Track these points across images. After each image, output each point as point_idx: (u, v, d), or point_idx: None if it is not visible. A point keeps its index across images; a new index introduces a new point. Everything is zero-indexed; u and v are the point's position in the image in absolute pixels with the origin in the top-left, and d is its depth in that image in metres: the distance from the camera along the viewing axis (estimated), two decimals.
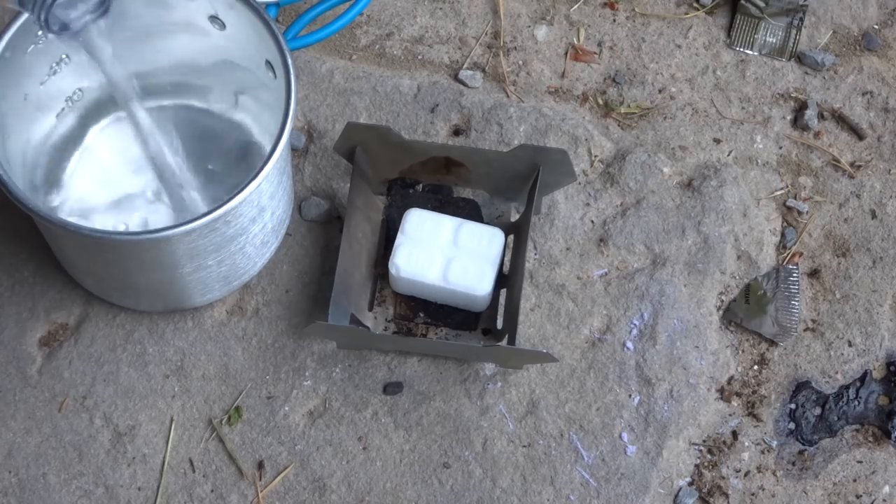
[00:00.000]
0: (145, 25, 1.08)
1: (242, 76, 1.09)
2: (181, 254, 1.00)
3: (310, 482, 1.09)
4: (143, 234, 0.97)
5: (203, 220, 0.95)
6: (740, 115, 1.23)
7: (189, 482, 1.09)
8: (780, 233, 1.19)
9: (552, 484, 1.09)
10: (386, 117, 1.20)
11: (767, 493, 1.10)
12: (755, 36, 1.26)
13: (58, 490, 1.08)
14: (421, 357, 1.12)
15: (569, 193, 1.18)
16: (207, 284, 1.07)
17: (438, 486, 1.09)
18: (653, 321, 1.14)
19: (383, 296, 1.14)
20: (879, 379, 1.14)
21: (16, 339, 1.12)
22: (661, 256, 1.16)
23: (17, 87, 1.03)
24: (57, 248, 1.09)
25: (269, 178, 0.99)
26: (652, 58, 1.25)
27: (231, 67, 1.09)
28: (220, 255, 1.03)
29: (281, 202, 1.07)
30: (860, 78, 1.25)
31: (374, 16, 1.25)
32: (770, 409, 1.13)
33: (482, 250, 1.10)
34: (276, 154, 0.97)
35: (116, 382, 1.11)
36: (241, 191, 0.96)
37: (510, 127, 1.20)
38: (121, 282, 1.08)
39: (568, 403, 1.11)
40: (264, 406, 1.11)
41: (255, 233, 1.04)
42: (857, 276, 1.17)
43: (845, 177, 1.21)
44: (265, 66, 1.04)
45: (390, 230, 1.14)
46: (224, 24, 1.06)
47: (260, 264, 1.11)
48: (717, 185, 1.19)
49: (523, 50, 1.24)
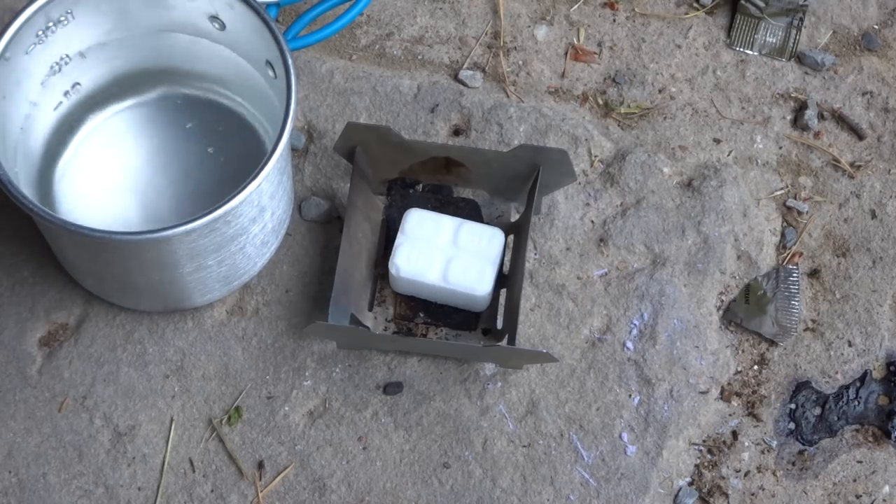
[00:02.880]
0: (146, 25, 1.08)
1: (244, 74, 1.09)
2: (181, 254, 1.00)
3: (310, 482, 1.09)
4: (143, 233, 0.97)
5: (203, 220, 0.95)
6: (740, 115, 1.23)
7: (189, 482, 1.09)
8: (780, 233, 1.19)
9: (552, 484, 1.09)
10: (386, 117, 1.20)
11: (767, 493, 1.10)
12: (755, 36, 1.26)
13: (58, 490, 1.08)
14: (421, 357, 1.12)
15: (569, 193, 1.18)
16: (207, 284, 1.07)
17: (438, 486, 1.09)
18: (653, 321, 1.14)
19: (383, 296, 1.14)
20: (879, 379, 1.14)
21: (16, 339, 1.12)
22: (661, 256, 1.16)
23: (17, 87, 1.03)
24: (57, 248, 1.09)
25: (270, 177, 0.99)
26: (652, 58, 1.25)
27: (233, 66, 1.10)
28: (221, 254, 1.03)
29: (281, 202, 1.07)
30: (860, 78, 1.25)
31: (374, 16, 1.25)
32: (770, 409, 1.13)
33: (482, 250, 1.10)
34: (277, 154, 0.97)
35: (116, 382, 1.11)
36: (242, 190, 0.96)
37: (510, 127, 1.20)
38: (121, 282, 1.08)
39: (568, 403, 1.11)
40: (264, 406, 1.11)
41: (255, 233, 1.04)
42: (857, 276, 1.17)
43: (845, 177, 1.21)
44: (265, 65, 1.04)
45: (390, 230, 1.14)
46: (224, 24, 1.06)
47: (260, 264, 1.11)
48: (717, 185, 1.19)
49: (523, 50, 1.24)
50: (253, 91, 1.11)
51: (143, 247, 0.99)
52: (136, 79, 1.13)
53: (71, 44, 1.06)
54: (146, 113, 1.15)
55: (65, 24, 1.03)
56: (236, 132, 1.14)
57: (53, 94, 1.09)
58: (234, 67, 1.10)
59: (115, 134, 1.14)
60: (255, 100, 1.12)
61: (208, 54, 1.10)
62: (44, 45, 1.03)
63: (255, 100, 1.12)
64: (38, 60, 1.04)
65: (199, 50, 1.10)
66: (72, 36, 1.05)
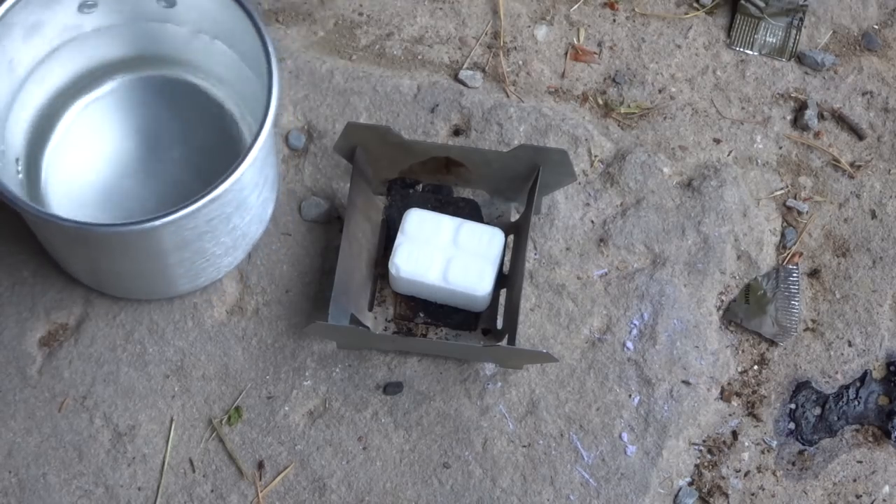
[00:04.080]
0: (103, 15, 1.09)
1: (209, 52, 1.10)
2: (168, 242, 1.00)
3: (310, 482, 1.09)
4: (126, 224, 0.97)
5: (192, 208, 0.96)
6: (740, 115, 1.23)
7: (189, 482, 1.09)
8: (780, 233, 1.19)
9: (552, 484, 1.09)
10: (386, 117, 1.20)
11: (767, 493, 1.10)
12: (755, 36, 1.26)
13: (58, 490, 1.08)
14: (421, 357, 1.12)
15: (569, 193, 1.18)
16: (195, 271, 1.08)
17: (438, 486, 1.09)
18: (653, 321, 1.14)
19: (383, 296, 1.14)
20: (879, 379, 1.14)
21: (16, 339, 1.12)
22: (661, 256, 1.16)
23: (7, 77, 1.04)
24: (43, 239, 1.09)
25: (264, 147, 0.99)
26: (652, 58, 1.25)
27: (202, 47, 1.10)
28: (216, 233, 1.03)
29: (269, 178, 1.07)
30: (860, 78, 1.25)
31: (374, 16, 1.25)
32: (770, 409, 1.13)
33: (482, 250, 1.10)
34: (259, 143, 0.97)
35: (116, 382, 1.11)
36: (225, 181, 0.96)
37: (510, 127, 1.20)
38: (112, 271, 1.08)
39: (568, 403, 1.11)
40: (264, 406, 1.11)
41: (235, 223, 1.05)
42: (857, 276, 1.17)
43: (845, 177, 1.21)
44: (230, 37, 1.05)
45: (390, 230, 1.14)
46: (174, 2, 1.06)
47: (242, 251, 1.11)
48: (717, 185, 1.19)
49: (523, 50, 1.24)
50: (228, 70, 1.11)
51: (127, 237, 0.99)
52: (117, 65, 1.14)
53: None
54: (128, 99, 1.15)
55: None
56: (212, 117, 1.15)
57: (36, 82, 1.09)
58: (202, 47, 1.10)
59: (97, 121, 1.15)
60: (233, 80, 1.12)
61: (167, 35, 1.10)
62: (32, 35, 1.04)
63: (233, 80, 1.12)
64: (28, 45, 1.05)
65: (161, 33, 1.10)
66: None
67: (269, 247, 1.15)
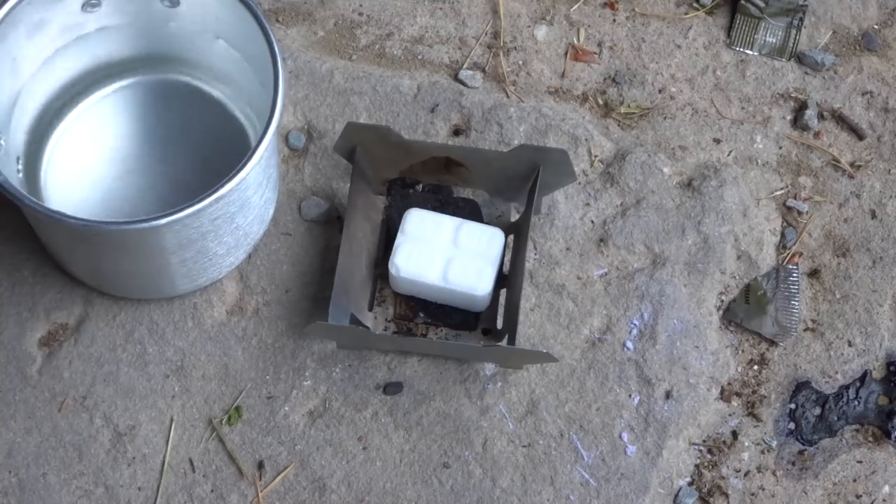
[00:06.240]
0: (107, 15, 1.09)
1: (212, 53, 1.10)
2: (168, 241, 1.00)
3: (310, 482, 1.09)
4: (132, 223, 0.97)
5: (197, 207, 0.96)
6: (740, 115, 1.23)
7: (189, 482, 1.09)
8: (780, 233, 1.19)
9: (552, 484, 1.09)
10: (386, 117, 1.20)
11: (767, 493, 1.10)
12: (755, 36, 1.26)
13: (58, 490, 1.08)
14: (421, 357, 1.12)
15: (569, 193, 1.18)
16: (196, 271, 1.08)
17: (438, 486, 1.09)
18: (653, 321, 1.14)
19: (383, 296, 1.14)
20: (879, 379, 1.14)
21: (16, 339, 1.12)
22: (661, 256, 1.16)
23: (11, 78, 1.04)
24: (44, 238, 1.09)
25: (268, 148, 1.00)
26: (652, 58, 1.25)
27: (204, 45, 1.10)
28: (219, 233, 1.03)
29: (271, 179, 1.07)
30: (860, 78, 1.25)
31: (374, 16, 1.26)
32: (770, 409, 1.13)
33: (482, 250, 1.10)
34: (265, 142, 0.97)
35: (116, 382, 1.11)
36: (230, 180, 0.96)
37: (510, 127, 1.20)
38: (114, 271, 1.08)
39: (568, 403, 1.11)
40: (264, 406, 1.11)
41: (238, 223, 1.05)
42: (857, 276, 1.17)
43: (845, 177, 1.21)
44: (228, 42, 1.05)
45: (390, 230, 1.14)
46: (178, 1, 1.06)
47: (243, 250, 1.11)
48: (717, 185, 1.19)
49: (523, 50, 1.24)
50: (230, 69, 1.11)
51: (129, 235, 0.99)
52: (120, 65, 1.14)
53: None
54: (130, 99, 1.15)
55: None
56: (214, 116, 1.15)
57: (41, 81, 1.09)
58: (204, 45, 1.10)
59: (97, 121, 1.15)
60: (235, 80, 1.12)
61: (170, 35, 1.11)
62: (38, 34, 1.04)
63: (235, 80, 1.12)
64: (34, 45, 1.05)
65: (164, 32, 1.10)
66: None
67: (269, 247, 1.15)
